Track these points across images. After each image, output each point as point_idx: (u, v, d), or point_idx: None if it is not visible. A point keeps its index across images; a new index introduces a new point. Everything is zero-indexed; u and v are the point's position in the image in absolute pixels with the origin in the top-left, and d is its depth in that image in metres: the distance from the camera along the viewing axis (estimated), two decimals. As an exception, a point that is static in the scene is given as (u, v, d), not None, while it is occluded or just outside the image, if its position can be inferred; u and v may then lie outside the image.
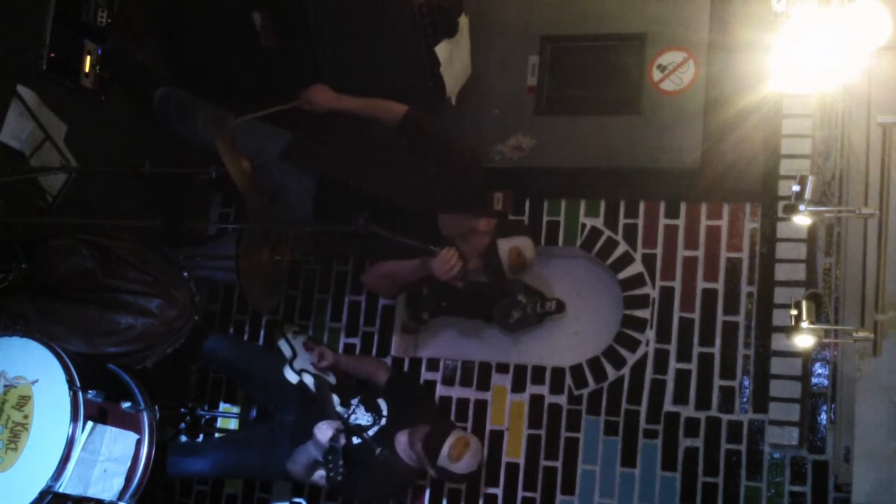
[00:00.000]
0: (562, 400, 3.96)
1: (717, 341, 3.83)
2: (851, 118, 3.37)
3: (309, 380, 3.65)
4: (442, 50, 3.84)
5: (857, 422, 3.08)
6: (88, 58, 3.52)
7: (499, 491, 3.96)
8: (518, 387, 4.03)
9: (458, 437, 3.51)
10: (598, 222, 4.08)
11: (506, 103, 4.13)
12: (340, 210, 3.45)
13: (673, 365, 3.86)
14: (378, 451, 3.38)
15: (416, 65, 3.83)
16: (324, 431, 3.36)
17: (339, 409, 3.60)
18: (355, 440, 3.54)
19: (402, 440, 3.55)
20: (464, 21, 3.95)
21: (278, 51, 3.92)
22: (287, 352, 3.76)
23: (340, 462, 3.32)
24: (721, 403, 3.77)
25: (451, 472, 3.51)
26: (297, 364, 3.68)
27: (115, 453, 2.83)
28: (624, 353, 3.93)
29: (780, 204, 3.75)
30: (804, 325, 2.80)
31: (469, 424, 4.05)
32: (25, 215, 3.31)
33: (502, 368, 4.09)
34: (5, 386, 2.79)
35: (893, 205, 2.83)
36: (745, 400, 3.75)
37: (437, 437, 3.48)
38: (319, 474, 3.45)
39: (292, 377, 3.65)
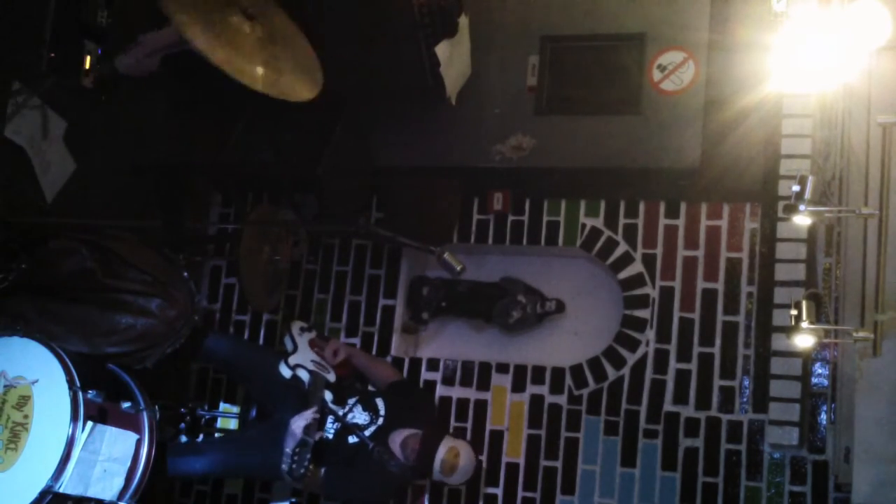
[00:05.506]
0: (562, 400, 3.96)
1: (717, 341, 3.83)
2: (851, 118, 3.37)
3: (304, 375, 3.64)
4: (442, 50, 3.84)
5: (857, 422, 3.08)
6: (88, 58, 3.52)
7: (499, 491, 3.95)
8: (518, 387, 4.03)
9: (447, 448, 3.47)
10: (598, 222, 4.08)
11: (506, 103, 4.13)
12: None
13: (673, 365, 3.85)
14: (371, 445, 3.37)
15: (416, 65, 3.83)
16: (297, 424, 3.36)
17: (331, 405, 3.59)
18: (351, 439, 3.54)
19: (396, 440, 3.54)
20: (464, 21, 3.94)
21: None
22: (289, 347, 3.77)
23: (308, 456, 3.30)
24: (721, 403, 3.77)
25: (449, 483, 3.50)
26: (293, 360, 3.68)
27: (115, 453, 2.83)
28: (624, 353, 3.93)
29: (780, 204, 3.74)
30: (804, 325, 2.80)
31: (469, 424, 4.05)
32: (25, 215, 3.30)
33: (502, 368, 4.08)
34: (5, 386, 2.79)
35: (893, 205, 2.84)
36: (745, 400, 3.75)
37: (428, 450, 3.45)
38: (283, 467, 3.35)
39: (286, 372, 3.65)
